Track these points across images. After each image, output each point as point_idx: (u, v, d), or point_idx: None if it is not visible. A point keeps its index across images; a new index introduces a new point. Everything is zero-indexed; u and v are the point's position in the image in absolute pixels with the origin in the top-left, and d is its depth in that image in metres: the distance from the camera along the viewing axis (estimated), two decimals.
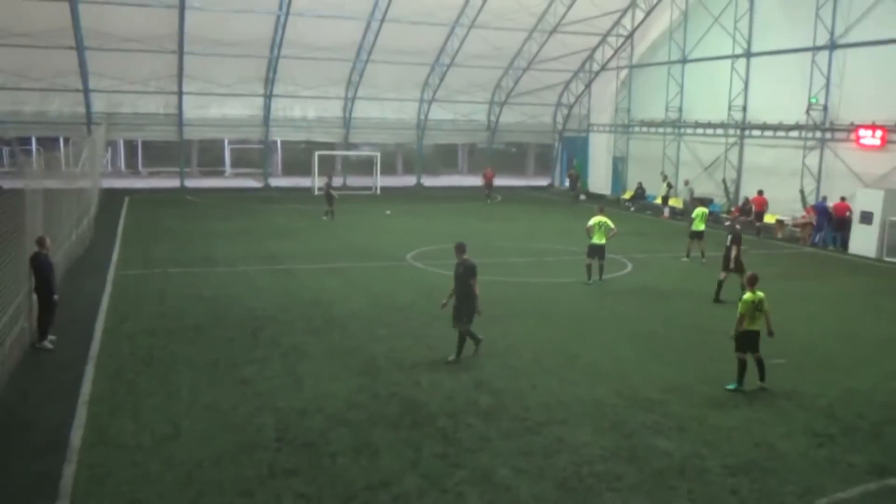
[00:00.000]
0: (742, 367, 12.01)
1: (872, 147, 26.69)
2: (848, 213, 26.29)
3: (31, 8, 32.53)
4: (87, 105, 38.29)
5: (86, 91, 37.88)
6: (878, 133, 26.40)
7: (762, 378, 12.03)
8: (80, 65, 36.66)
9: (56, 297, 13.31)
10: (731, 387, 12.00)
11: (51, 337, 13.38)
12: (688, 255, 23.43)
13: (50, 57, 35.52)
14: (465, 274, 12.85)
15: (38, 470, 8.94)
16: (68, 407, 10.82)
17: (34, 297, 13.31)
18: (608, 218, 19.98)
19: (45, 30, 33.87)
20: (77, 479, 8.70)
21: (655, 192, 36.88)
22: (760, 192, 29.75)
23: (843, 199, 26.63)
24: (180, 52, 37.33)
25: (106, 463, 9.14)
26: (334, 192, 30.79)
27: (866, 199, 25.62)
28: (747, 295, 12.08)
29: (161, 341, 14.05)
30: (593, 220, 19.76)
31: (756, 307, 11.99)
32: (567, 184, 42.69)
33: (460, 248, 13.07)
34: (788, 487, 8.93)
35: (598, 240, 19.55)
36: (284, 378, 12.26)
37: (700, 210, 23.19)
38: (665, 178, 36.11)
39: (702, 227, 22.86)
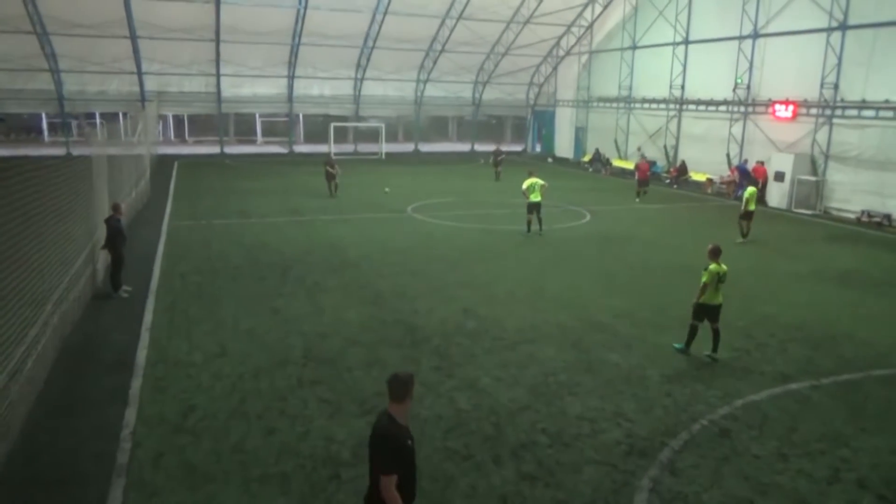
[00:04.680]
0: (692, 333, 10.14)
1: (786, 119, 26.48)
2: (765, 176, 26.16)
3: (90, 3, 31.76)
4: (141, 85, 37.42)
5: (139, 73, 36.98)
6: (790, 108, 26.16)
7: (715, 349, 10.09)
8: (134, 51, 35.71)
9: (122, 255, 12.60)
10: (677, 346, 10.36)
11: (125, 287, 12.81)
12: (743, 237, 18.88)
13: (108, 45, 34.72)
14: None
15: (111, 383, 9.01)
16: (134, 332, 10.86)
17: (106, 253, 12.91)
18: (538, 178, 19.02)
19: (103, 21, 33.17)
20: (143, 390, 8.79)
21: (610, 155, 36.80)
22: (761, 163, 25.74)
23: (760, 162, 26.41)
24: (217, 41, 36.44)
25: (166, 377, 9.21)
26: (333, 171, 25.13)
27: (780, 162, 25.63)
28: (712, 266, 9.92)
29: (208, 279, 14.03)
30: (527, 183, 18.82)
31: (720, 279, 9.95)
32: (494, 158, 31.86)
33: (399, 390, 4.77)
34: (712, 391, 9.09)
35: (534, 198, 18.74)
36: (308, 308, 12.31)
37: (752, 190, 18.81)
38: (596, 150, 36.35)
39: (753, 207, 18.66)
